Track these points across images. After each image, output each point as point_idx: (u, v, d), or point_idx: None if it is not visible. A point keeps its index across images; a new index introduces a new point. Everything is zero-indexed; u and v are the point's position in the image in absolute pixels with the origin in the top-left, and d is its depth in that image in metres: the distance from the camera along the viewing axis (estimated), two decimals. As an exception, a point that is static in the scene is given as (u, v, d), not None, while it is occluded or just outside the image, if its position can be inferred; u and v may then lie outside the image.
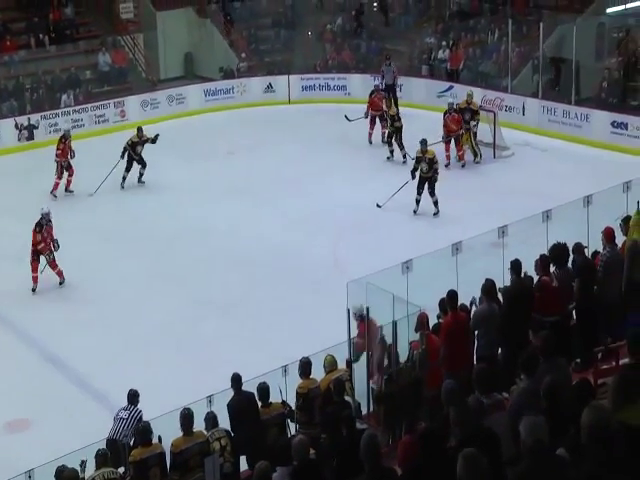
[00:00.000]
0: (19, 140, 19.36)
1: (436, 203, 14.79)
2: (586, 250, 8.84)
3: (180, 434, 7.22)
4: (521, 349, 6.78)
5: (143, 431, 7.20)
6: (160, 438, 7.30)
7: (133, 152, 16.63)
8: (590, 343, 7.48)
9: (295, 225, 14.67)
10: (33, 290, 12.86)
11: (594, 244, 8.95)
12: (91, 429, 8.58)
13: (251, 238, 14.19)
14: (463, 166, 17.08)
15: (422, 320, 8.04)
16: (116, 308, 12.25)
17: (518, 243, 9.98)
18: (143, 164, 16.79)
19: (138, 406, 8.27)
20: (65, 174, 16.50)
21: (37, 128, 19.52)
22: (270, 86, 22.26)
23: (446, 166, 16.95)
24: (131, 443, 7.88)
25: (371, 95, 18.42)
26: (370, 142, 18.24)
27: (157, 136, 16.69)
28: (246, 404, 7.68)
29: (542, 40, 19.53)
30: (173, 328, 11.64)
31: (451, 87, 20.42)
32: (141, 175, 16.91)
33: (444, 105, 17.90)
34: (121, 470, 7.34)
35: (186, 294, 12.59)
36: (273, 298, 12.26)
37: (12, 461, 8.40)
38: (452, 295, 7.88)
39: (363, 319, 8.56)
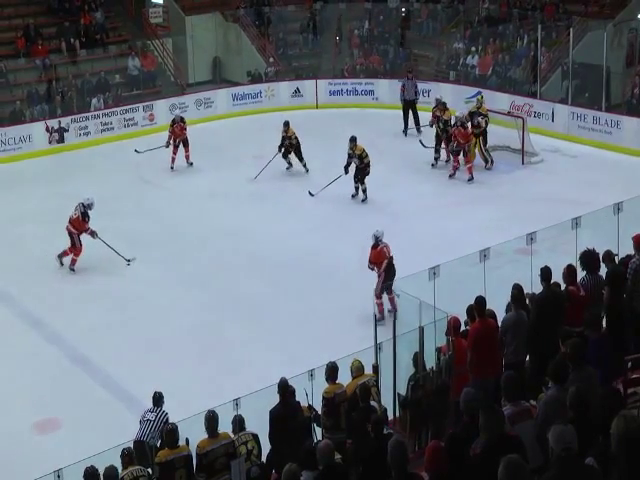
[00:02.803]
0: (50, 143, 19.58)
1: (365, 191, 15.69)
2: (616, 258, 8.75)
3: (206, 436, 7.24)
4: (549, 357, 6.73)
5: (170, 433, 7.23)
6: (187, 440, 7.34)
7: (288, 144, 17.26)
8: (620, 352, 7.39)
9: (321, 229, 14.68)
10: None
11: (624, 252, 8.85)
12: (119, 430, 8.63)
13: (277, 242, 14.22)
14: (451, 176, 16.72)
15: (453, 324, 7.99)
16: (143, 311, 12.32)
17: (547, 250, 9.93)
18: (299, 157, 17.28)
19: (163, 408, 8.31)
20: (183, 150, 17.71)
21: (67, 131, 19.74)
22: (298, 90, 22.33)
23: (450, 177, 16.72)
24: (157, 445, 7.92)
25: (433, 109, 18.07)
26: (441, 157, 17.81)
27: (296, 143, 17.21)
28: (291, 415, 7.53)
29: (572, 46, 19.41)
30: (199, 331, 11.69)
31: (479, 92, 20.34)
32: (304, 165, 17.40)
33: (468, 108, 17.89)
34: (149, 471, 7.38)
35: (212, 298, 12.65)
36: (299, 302, 12.28)
37: (41, 460, 8.47)
38: (480, 301, 7.82)
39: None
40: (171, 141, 17.70)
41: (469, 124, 17.11)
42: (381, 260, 11.52)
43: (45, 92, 20.62)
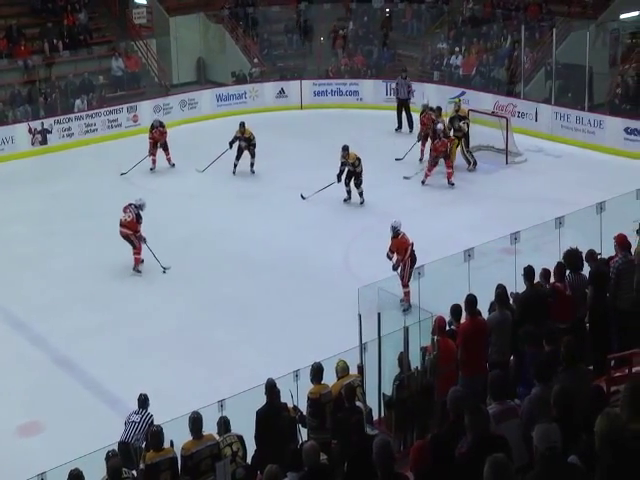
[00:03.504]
0: (33, 144, 19.45)
1: (361, 194, 15.68)
2: (599, 257, 8.81)
3: (190, 438, 7.22)
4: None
5: (155, 435, 7.20)
6: (172, 442, 7.31)
7: (239, 144, 17.31)
8: (603, 350, 7.45)
9: (307, 230, 14.68)
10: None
11: (607, 251, 8.92)
12: (103, 433, 8.58)
13: (263, 243, 14.20)
14: (423, 183, 16.43)
15: (438, 324, 8.02)
16: (129, 313, 12.27)
17: (530, 249, 9.97)
18: (252, 154, 17.30)
19: (148, 410, 8.28)
20: (163, 153, 17.78)
21: (50, 133, 19.63)
22: (282, 91, 22.32)
23: (422, 183, 16.50)
24: (142, 447, 7.89)
25: (421, 115, 18.03)
26: (420, 160, 17.60)
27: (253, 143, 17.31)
28: (277, 415, 7.50)
29: (555, 46, 19.51)
30: (185, 333, 11.66)
31: (463, 92, 20.43)
32: (252, 165, 17.42)
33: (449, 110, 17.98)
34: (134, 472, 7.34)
35: (198, 299, 12.62)
36: (285, 303, 12.28)
37: (24, 464, 8.42)
38: (471, 300, 7.87)
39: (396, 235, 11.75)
40: (152, 147, 17.67)
41: (451, 132, 17.08)
42: (404, 247, 11.74)
43: (28, 93, 20.50)
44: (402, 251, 11.78)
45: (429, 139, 17.27)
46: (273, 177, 17.29)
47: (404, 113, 19.85)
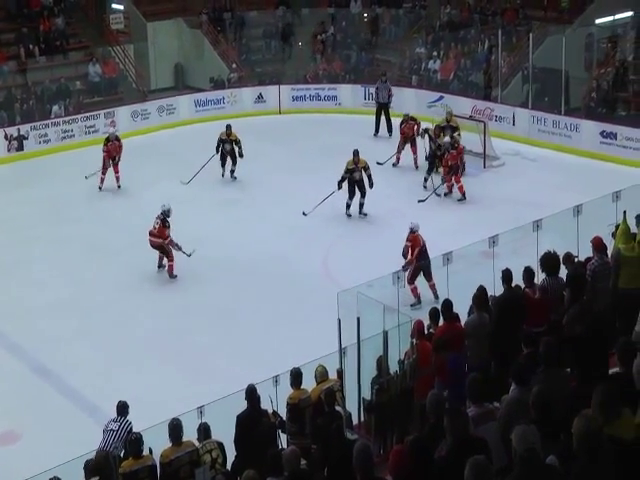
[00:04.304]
0: (9, 151, 19.30)
1: (362, 205, 15.38)
2: (576, 260, 8.86)
3: (170, 445, 7.17)
4: (512, 358, 6.79)
5: (134, 442, 7.15)
6: (150, 450, 7.26)
7: (223, 148, 17.20)
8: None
9: (285, 235, 14.66)
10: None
11: (584, 253, 8.98)
12: (81, 441, 8.50)
13: (242, 248, 14.17)
14: (446, 194, 16.22)
15: (417, 327, 8.03)
16: (107, 319, 12.19)
17: (508, 253, 10.01)
18: (234, 160, 17.25)
19: (127, 417, 8.21)
20: (111, 170, 17.01)
21: (27, 139, 19.48)
22: (261, 96, 22.31)
23: (445, 195, 16.31)
24: (121, 455, 7.83)
25: (401, 125, 17.93)
26: (394, 165, 17.88)
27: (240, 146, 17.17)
28: (258, 421, 7.48)
29: (531, 50, 19.66)
30: (164, 338, 11.60)
31: (441, 97, 20.52)
32: (232, 171, 17.35)
33: (434, 115, 17.99)
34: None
35: (177, 304, 12.57)
36: (264, 308, 12.26)
37: (1, 473, 8.33)
38: (447, 305, 7.88)
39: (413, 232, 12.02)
40: (105, 163, 16.96)
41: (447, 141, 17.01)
42: (415, 247, 11.96)
43: (3, 99, 20.34)
44: (413, 248, 12.03)
45: (407, 145, 17.58)
46: (253, 182, 17.26)
47: (383, 117, 19.90)
